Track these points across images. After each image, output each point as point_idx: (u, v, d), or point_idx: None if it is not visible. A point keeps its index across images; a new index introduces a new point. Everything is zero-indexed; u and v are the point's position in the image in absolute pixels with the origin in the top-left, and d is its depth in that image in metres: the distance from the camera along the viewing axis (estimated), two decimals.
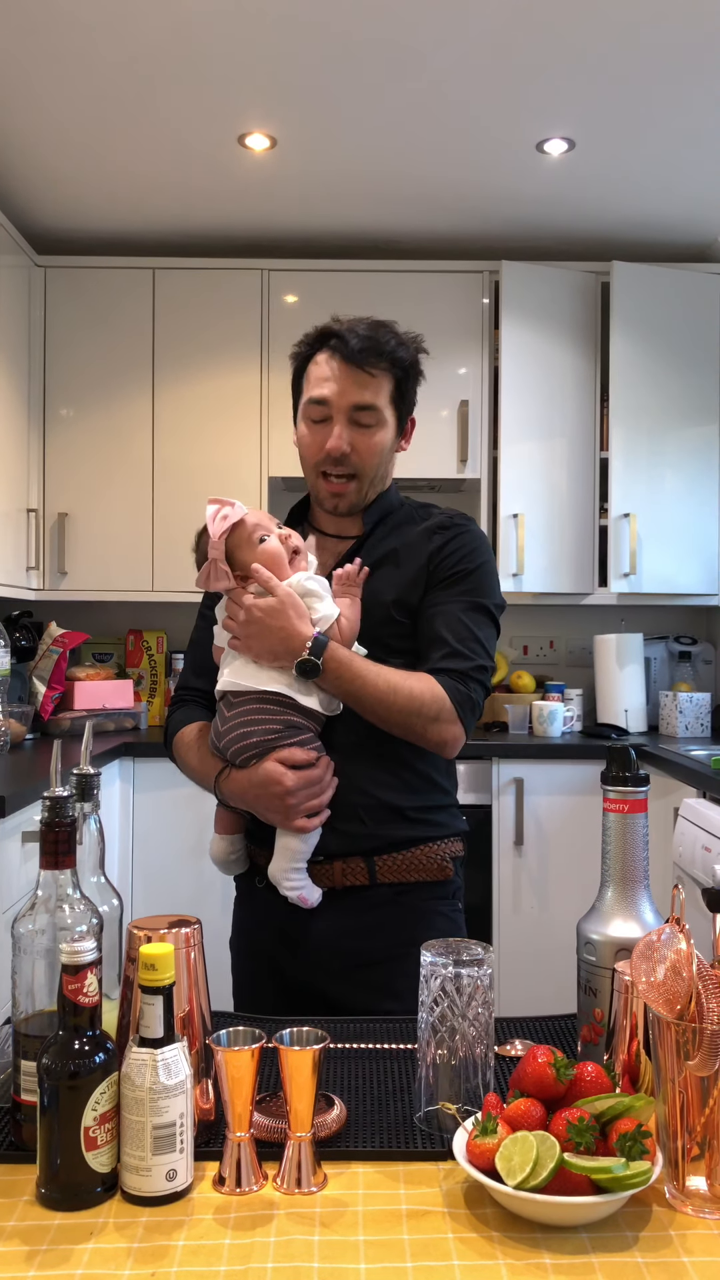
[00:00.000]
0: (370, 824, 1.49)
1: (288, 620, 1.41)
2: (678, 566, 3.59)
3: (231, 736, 1.44)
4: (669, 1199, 0.87)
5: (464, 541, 1.56)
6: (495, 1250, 0.80)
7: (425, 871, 1.52)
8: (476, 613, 1.52)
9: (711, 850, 2.49)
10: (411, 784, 1.52)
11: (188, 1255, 0.80)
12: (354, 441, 1.52)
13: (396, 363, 1.53)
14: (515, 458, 3.56)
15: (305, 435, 1.56)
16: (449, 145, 3.06)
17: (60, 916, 0.96)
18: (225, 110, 2.87)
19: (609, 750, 1.08)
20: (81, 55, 2.60)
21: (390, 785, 1.50)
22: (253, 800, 1.44)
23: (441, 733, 1.47)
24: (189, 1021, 0.96)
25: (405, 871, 1.51)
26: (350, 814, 1.47)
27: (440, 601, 1.52)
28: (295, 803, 1.41)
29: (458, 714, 1.47)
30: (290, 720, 1.44)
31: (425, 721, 1.45)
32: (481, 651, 1.51)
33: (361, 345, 1.49)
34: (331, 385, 1.51)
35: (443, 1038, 0.99)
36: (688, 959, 0.89)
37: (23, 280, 3.51)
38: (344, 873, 1.48)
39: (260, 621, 1.42)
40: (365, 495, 1.58)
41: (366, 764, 1.49)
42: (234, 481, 3.64)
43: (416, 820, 1.52)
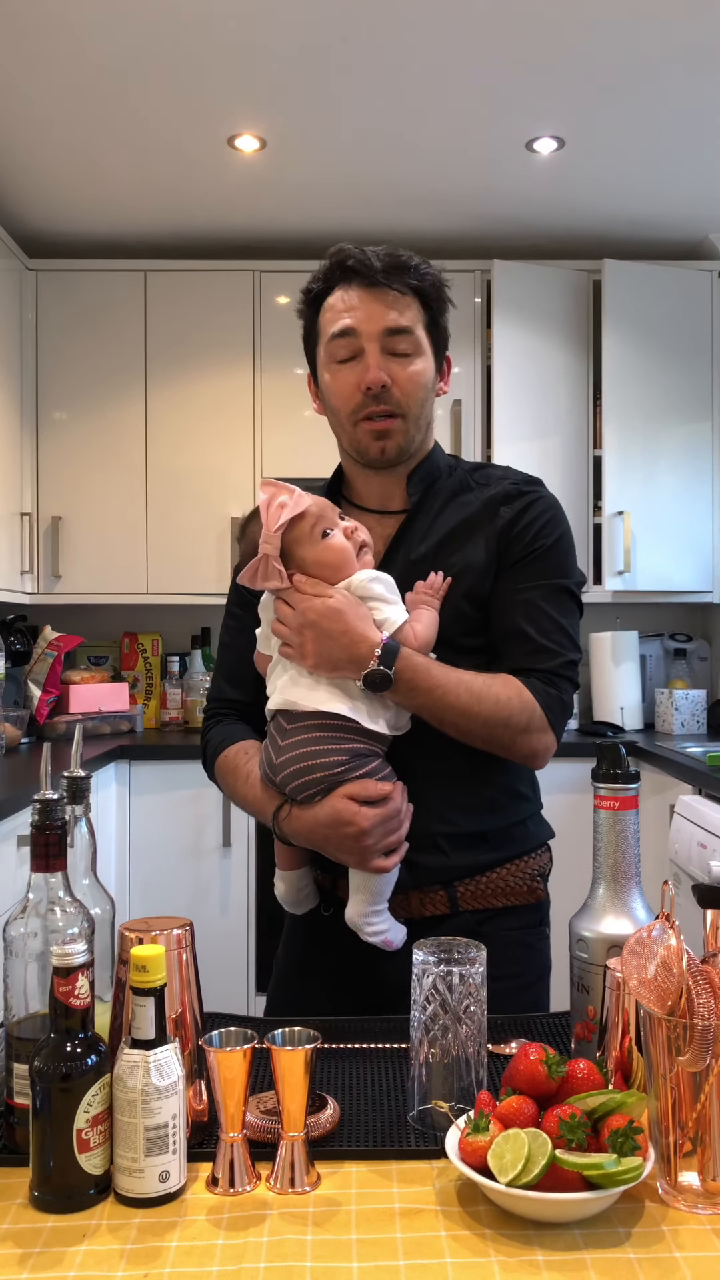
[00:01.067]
0: (451, 853, 1.33)
1: (350, 624, 1.22)
2: (672, 564, 3.60)
3: (290, 771, 1.24)
4: (661, 1194, 0.87)
5: (538, 512, 1.37)
6: (488, 1248, 0.81)
7: (512, 895, 1.37)
8: (559, 597, 1.34)
9: (707, 847, 2.49)
10: (495, 802, 1.36)
11: (181, 1256, 0.80)
12: (392, 373, 1.32)
13: (424, 280, 1.35)
14: (509, 457, 3.56)
15: (332, 381, 1.35)
16: (439, 145, 3.06)
17: (52, 919, 0.96)
18: (214, 112, 2.88)
19: (599, 747, 1.08)
20: (70, 58, 2.60)
21: (471, 807, 1.34)
22: (322, 842, 1.25)
23: (532, 743, 1.30)
24: (181, 1023, 0.96)
25: (490, 897, 1.35)
26: (428, 844, 1.30)
27: (518, 588, 1.33)
28: (372, 843, 1.22)
29: (549, 720, 1.30)
30: (356, 748, 1.24)
31: (514, 732, 1.28)
32: (569, 644, 1.34)
33: (384, 265, 1.31)
34: (357, 313, 1.31)
35: (435, 1036, 0.99)
36: (678, 955, 0.89)
37: (14, 284, 3.51)
38: (422, 903, 1.33)
39: (317, 625, 1.22)
40: (412, 440, 1.37)
41: (443, 786, 1.32)
42: (227, 483, 3.64)
43: (500, 842, 1.37)
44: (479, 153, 3.11)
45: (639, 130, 2.97)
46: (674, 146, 3.07)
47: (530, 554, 1.35)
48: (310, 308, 1.39)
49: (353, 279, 1.33)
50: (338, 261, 1.34)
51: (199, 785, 3.26)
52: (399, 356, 1.33)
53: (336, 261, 1.34)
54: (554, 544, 1.37)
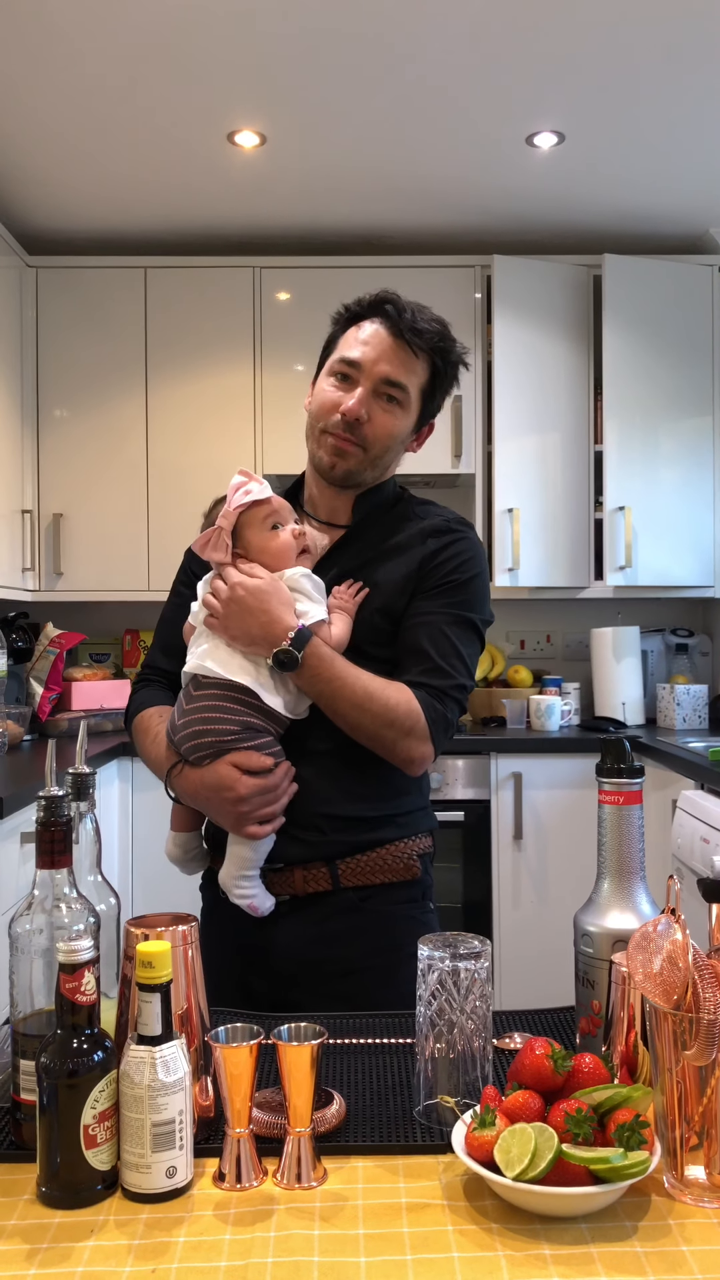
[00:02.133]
0: (331, 833, 1.42)
1: (273, 604, 1.34)
2: (673, 559, 3.60)
3: (187, 733, 1.37)
4: (668, 1188, 0.88)
5: (460, 549, 1.47)
6: (495, 1242, 0.81)
7: (391, 872, 1.45)
8: (462, 627, 1.45)
9: (710, 841, 2.50)
10: (379, 793, 1.45)
11: (188, 1251, 0.80)
12: (372, 413, 1.43)
13: (441, 353, 1.46)
14: (509, 452, 3.56)
15: (322, 392, 1.46)
16: (439, 140, 3.05)
17: (57, 916, 0.96)
18: (214, 108, 2.87)
19: (603, 743, 1.08)
20: (70, 55, 2.60)
21: (356, 796, 1.43)
22: (204, 802, 1.38)
23: (410, 749, 1.39)
24: (187, 1019, 0.96)
25: (369, 874, 1.44)
26: (309, 824, 1.40)
27: (426, 611, 1.44)
28: (247, 810, 1.34)
29: (430, 732, 1.39)
30: (250, 721, 1.35)
31: (397, 735, 1.38)
32: (463, 669, 1.44)
33: (411, 323, 1.42)
34: (369, 350, 1.42)
35: (441, 1031, 0.99)
36: (684, 949, 0.89)
37: (14, 281, 3.50)
38: (305, 879, 1.42)
39: (243, 601, 1.34)
40: (364, 473, 1.47)
41: (332, 773, 1.41)
42: (228, 480, 3.63)
43: (379, 825, 1.45)
44: (479, 148, 3.11)
45: (639, 125, 2.97)
46: (674, 141, 3.06)
47: (445, 584, 1.46)
48: (341, 325, 1.51)
49: (385, 321, 1.45)
50: (379, 300, 1.46)
51: None
52: (386, 402, 1.45)
53: (378, 300, 1.46)
54: (468, 580, 1.47)
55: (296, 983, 1.42)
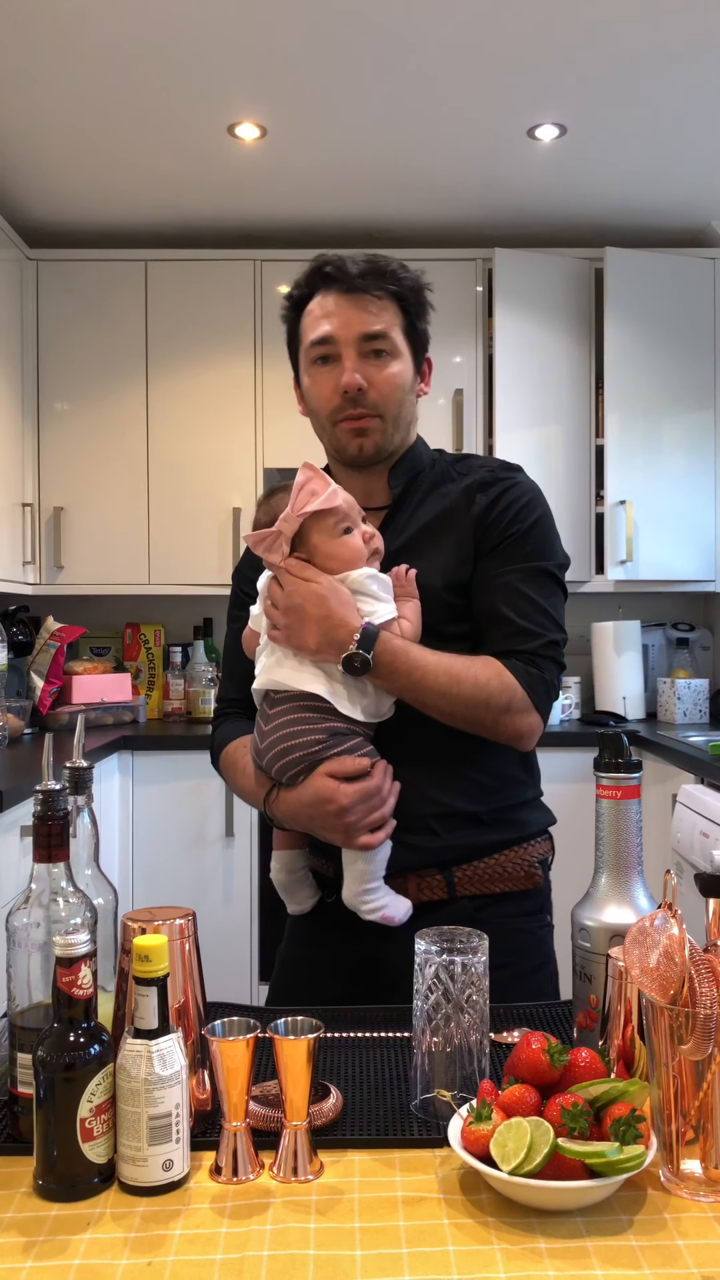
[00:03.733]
0: (444, 834, 1.33)
1: (332, 609, 1.24)
2: (674, 553, 3.59)
3: (273, 753, 1.28)
4: (664, 1182, 0.88)
5: (514, 496, 1.37)
6: (490, 1235, 0.81)
7: (510, 881, 1.37)
8: (539, 579, 1.35)
9: (710, 836, 2.50)
10: (486, 785, 1.36)
11: (184, 1244, 0.80)
12: (368, 375, 1.34)
13: (402, 285, 1.37)
14: (511, 446, 3.56)
15: (312, 384, 1.38)
16: (440, 132, 3.05)
17: (54, 909, 0.96)
18: (214, 100, 2.86)
19: (601, 737, 1.08)
20: (70, 47, 2.59)
21: (460, 789, 1.35)
22: (307, 821, 1.28)
23: (515, 724, 1.31)
24: (184, 1012, 0.97)
25: (488, 882, 1.36)
26: (420, 825, 1.32)
27: (497, 572, 1.34)
28: (354, 820, 1.24)
29: (532, 701, 1.31)
30: (334, 726, 1.26)
31: (495, 713, 1.29)
32: (551, 625, 1.34)
33: (360, 272, 1.34)
34: (334, 319, 1.34)
35: (438, 1025, 0.99)
36: (680, 944, 0.89)
37: (14, 274, 3.50)
38: (419, 888, 1.33)
39: (301, 609, 1.25)
40: (391, 439, 1.38)
41: (431, 768, 1.33)
42: (229, 473, 3.64)
43: (494, 823, 1.37)
44: (480, 140, 3.10)
45: (641, 117, 2.96)
46: (676, 134, 3.05)
47: (507, 538, 1.36)
48: (293, 313, 1.43)
49: (331, 285, 1.36)
50: (316, 268, 1.38)
51: (201, 776, 3.26)
52: (376, 359, 1.36)
53: (315, 268, 1.38)
54: (531, 526, 1.37)
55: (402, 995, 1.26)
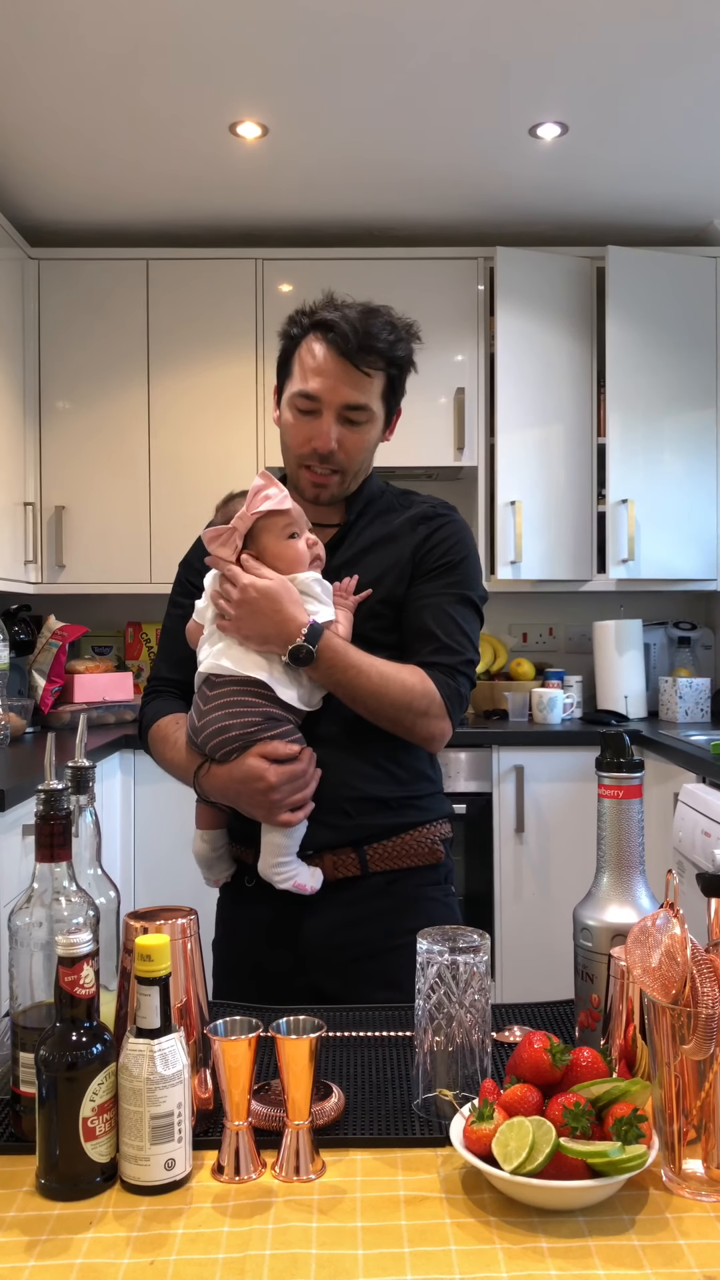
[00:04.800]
0: (356, 816, 1.47)
1: (284, 603, 1.38)
2: (676, 552, 3.59)
3: (210, 731, 1.40)
4: (665, 1182, 0.88)
5: (450, 532, 1.54)
6: (492, 1235, 0.81)
7: (416, 856, 1.51)
8: (463, 605, 1.51)
9: (711, 835, 2.50)
10: (396, 776, 1.50)
11: (186, 1243, 0.81)
12: (341, 439, 1.48)
13: (392, 361, 1.49)
14: (512, 445, 3.56)
15: (291, 424, 1.52)
16: (441, 131, 3.04)
17: (56, 909, 0.97)
18: (216, 99, 2.86)
19: (603, 736, 1.08)
20: (72, 46, 2.59)
21: (374, 778, 1.48)
22: (234, 796, 1.41)
23: (430, 728, 1.45)
24: (186, 1012, 0.97)
25: (396, 858, 1.49)
26: (335, 808, 1.45)
27: (427, 594, 1.50)
28: (279, 798, 1.38)
29: (447, 708, 1.45)
30: (269, 711, 1.39)
31: (415, 716, 1.43)
32: (469, 645, 1.50)
33: (359, 343, 1.44)
34: (323, 381, 1.46)
35: (440, 1025, 0.99)
36: (682, 944, 0.89)
37: (16, 273, 3.50)
38: (335, 865, 1.46)
39: (255, 602, 1.37)
40: (348, 487, 1.54)
41: (350, 758, 1.46)
42: (230, 472, 3.63)
43: (401, 808, 1.50)
44: (482, 139, 3.09)
45: (643, 116, 2.96)
46: (678, 132, 3.05)
47: (440, 566, 1.52)
48: (290, 342, 1.54)
49: (329, 344, 1.46)
50: (320, 321, 1.47)
51: None
52: (352, 425, 1.49)
53: (319, 321, 1.47)
54: (462, 560, 1.53)
55: (319, 964, 1.46)
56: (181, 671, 1.54)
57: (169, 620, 1.62)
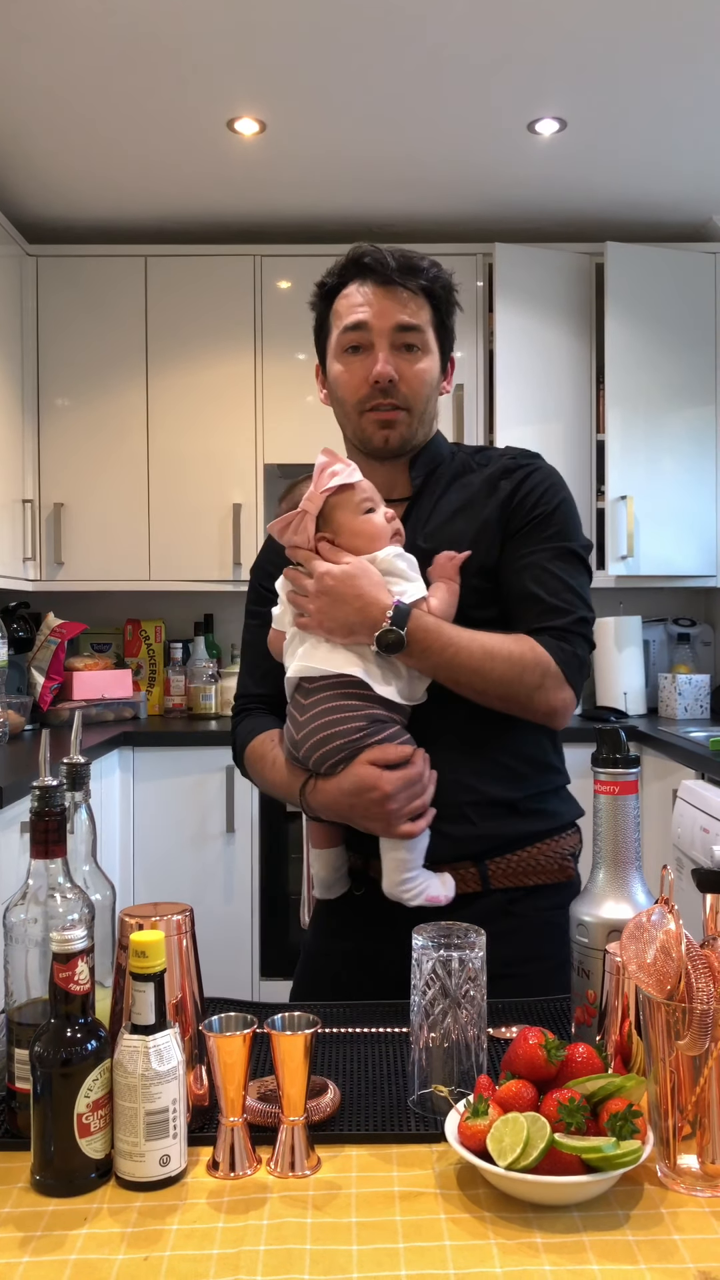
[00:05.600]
0: (479, 823, 1.33)
1: (364, 587, 1.25)
2: (676, 548, 3.59)
3: (312, 742, 1.28)
4: (660, 1177, 0.88)
5: (537, 481, 1.40)
6: (487, 1230, 0.81)
7: (544, 874, 1.37)
8: (566, 559, 1.36)
9: (710, 831, 2.50)
10: (519, 772, 1.37)
11: (181, 1239, 0.81)
12: (399, 368, 1.35)
13: (436, 281, 1.39)
14: (511, 441, 3.53)
15: (342, 372, 1.38)
16: (440, 127, 3.04)
17: (52, 905, 0.96)
18: (214, 95, 2.86)
19: (599, 732, 1.07)
20: (69, 43, 2.59)
21: (496, 776, 1.35)
22: (347, 811, 1.27)
23: (549, 699, 1.31)
24: (181, 1008, 0.97)
25: (522, 875, 1.36)
26: (455, 814, 1.31)
27: (524, 554, 1.35)
28: (396, 807, 1.24)
29: (565, 676, 1.31)
30: (373, 713, 1.26)
31: (530, 689, 1.29)
32: (579, 602, 1.35)
33: (399, 265, 1.35)
34: (370, 309, 1.35)
35: (435, 1021, 0.99)
36: (677, 939, 0.89)
37: (14, 270, 3.50)
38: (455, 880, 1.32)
39: (333, 590, 1.25)
40: (415, 433, 1.40)
41: (465, 755, 1.33)
42: (230, 469, 3.63)
43: (530, 812, 1.37)
44: (480, 135, 3.09)
45: (642, 111, 2.95)
46: (677, 128, 3.04)
47: (532, 520, 1.38)
48: (324, 301, 1.43)
49: (368, 276, 1.37)
50: (354, 259, 1.38)
51: (202, 771, 3.27)
52: (407, 352, 1.37)
53: (353, 259, 1.38)
54: (555, 510, 1.39)
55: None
56: (269, 685, 1.42)
57: (248, 633, 1.50)
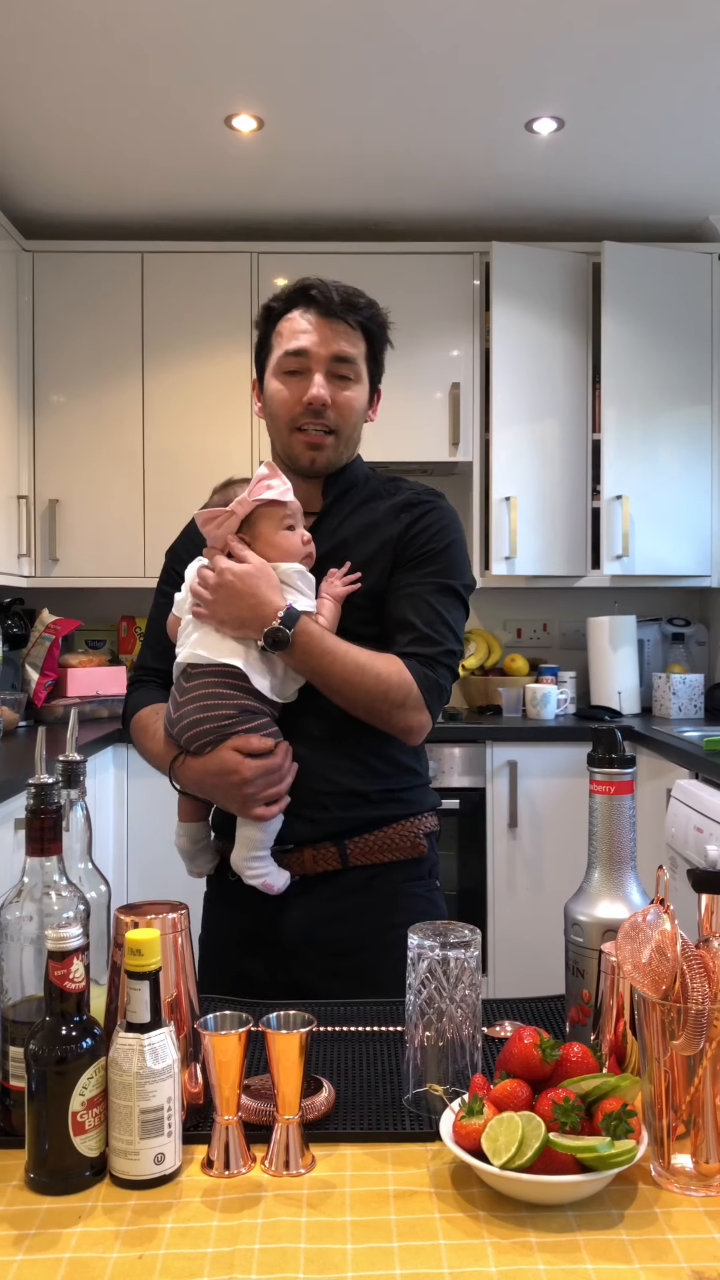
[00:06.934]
0: (336, 810, 1.45)
1: (261, 588, 1.37)
2: (671, 548, 3.59)
3: (186, 722, 1.40)
4: (655, 1177, 0.88)
5: (433, 519, 1.50)
6: (481, 1229, 0.81)
7: (398, 850, 1.48)
8: (445, 595, 1.47)
9: (704, 831, 2.50)
10: (376, 769, 1.48)
11: (175, 1237, 0.81)
12: (332, 395, 1.47)
13: (372, 318, 1.50)
14: (507, 440, 3.56)
15: (279, 390, 1.49)
16: (437, 125, 3.04)
17: (47, 903, 0.96)
18: (211, 91, 2.85)
19: (594, 732, 1.08)
20: (66, 38, 2.58)
21: (354, 771, 1.46)
22: (209, 788, 1.41)
23: (407, 719, 1.42)
24: (176, 1006, 0.96)
25: (378, 852, 1.47)
26: (315, 801, 1.43)
27: (408, 583, 1.47)
28: (253, 792, 1.37)
29: (424, 700, 1.42)
30: (245, 704, 1.38)
31: (391, 706, 1.40)
32: (450, 636, 1.46)
33: (341, 299, 1.46)
34: (311, 336, 1.46)
35: (430, 1020, 0.99)
36: (672, 939, 0.89)
37: (10, 265, 3.49)
38: (315, 859, 1.45)
39: (232, 585, 1.37)
40: (340, 456, 1.52)
41: (330, 751, 1.44)
42: (225, 466, 3.62)
43: (382, 801, 1.48)
44: (478, 133, 3.09)
45: (639, 111, 2.95)
46: (674, 128, 3.04)
47: (422, 555, 1.48)
48: (268, 322, 1.53)
49: (312, 305, 1.48)
50: (301, 289, 1.49)
51: None
52: (340, 381, 1.48)
53: (301, 288, 1.49)
54: (445, 548, 1.49)
55: (301, 961, 1.44)
56: (166, 661, 1.52)
57: (155, 610, 1.61)
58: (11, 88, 2.82)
